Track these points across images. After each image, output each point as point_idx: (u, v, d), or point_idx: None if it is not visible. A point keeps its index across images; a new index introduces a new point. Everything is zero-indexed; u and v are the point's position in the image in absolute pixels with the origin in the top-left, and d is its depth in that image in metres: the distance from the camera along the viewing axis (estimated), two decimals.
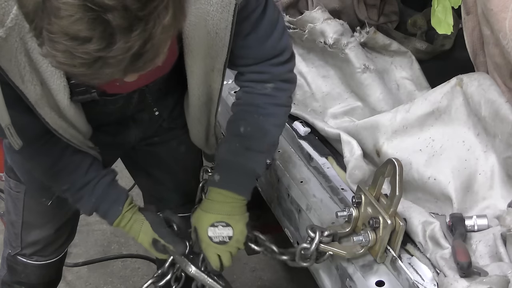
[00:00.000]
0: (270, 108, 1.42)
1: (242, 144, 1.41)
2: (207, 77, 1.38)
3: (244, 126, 1.42)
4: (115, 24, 0.81)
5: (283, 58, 1.38)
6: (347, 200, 1.47)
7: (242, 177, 1.42)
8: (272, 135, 1.46)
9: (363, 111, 1.85)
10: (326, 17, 1.85)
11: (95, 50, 0.83)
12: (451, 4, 1.46)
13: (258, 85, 1.41)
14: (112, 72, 0.88)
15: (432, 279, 1.23)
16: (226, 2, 1.19)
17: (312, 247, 1.34)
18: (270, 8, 1.30)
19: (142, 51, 0.86)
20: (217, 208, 1.40)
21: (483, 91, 1.37)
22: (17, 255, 1.78)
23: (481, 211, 1.36)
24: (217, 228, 1.39)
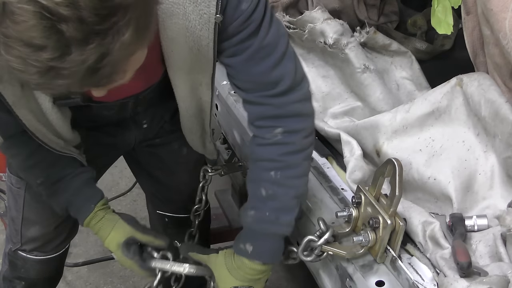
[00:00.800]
0: (286, 159, 1.31)
1: (270, 210, 1.33)
2: (195, 91, 1.35)
3: (265, 189, 1.32)
4: (69, 35, 0.79)
5: (282, 87, 1.25)
6: (347, 200, 1.47)
7: (275, 246, 1.37)
8: (297, 189, 1.35)
9: (363, 111, 1.85)
10: (326, 17, 1.85)
11: (48, 59, 0.81)
12: (451, 4, 1.46)
13: (266, 133, 1.30)
14: (67, 84, 0.86)
15: (432, 279, 1.23)
16: (205, 20, 1.14)
17: (321, 241, 1.33)
18: (263, 33, 1.19)
19: (99, 65, 0.84)
20: (245, 277, 1.36)
21: (483, 91, 1.37)
22: (17, 251, 1.79)
23: (481, 211, 1.36)
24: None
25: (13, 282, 1.85)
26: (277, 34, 1.22)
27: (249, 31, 1.17)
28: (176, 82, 1.32)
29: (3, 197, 1.89)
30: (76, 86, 0.87)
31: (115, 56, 0.84)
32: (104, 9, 0.80)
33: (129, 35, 0.84)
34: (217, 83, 2.10)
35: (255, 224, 1.35)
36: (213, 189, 2.64)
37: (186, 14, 1.12)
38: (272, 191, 1.32)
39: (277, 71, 1.24)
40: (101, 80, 0.88)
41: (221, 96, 2.07)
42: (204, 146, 1.62)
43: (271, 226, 1.34)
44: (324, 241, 1.33)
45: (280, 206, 1.33)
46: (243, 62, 1.22)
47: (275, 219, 1.33)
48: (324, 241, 1.33)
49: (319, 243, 1.33)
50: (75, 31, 0.79)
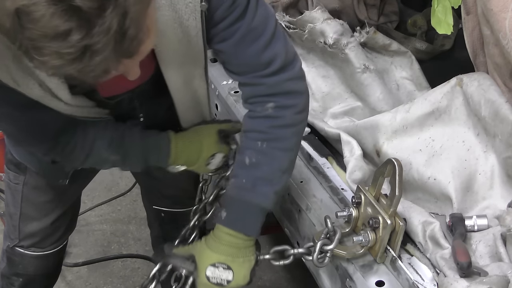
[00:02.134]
0: (274, 131, 1.32)
1: (248, 178, 1.33)
2: (190, 84, 1.36)
3: (249, 157, 1.33)
4: (86, 7, 0.81)
5: (274, 67, 1.27)
6: (347, 200, 1.47)
7: (249, 215, 1.34)
8: (281, 162, 1.35)
9: (363, 111, 1.85)
10: (326, 17, 1.85)
11: (78, 40, 0.83)
12: (451, 4, 1.46)
13: (258, 107, 1.32)
14: (104, 60, 0.87)
15: (432, 279, 1.23)
16: (191, 9, 1.15)
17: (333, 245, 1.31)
18: (250, 15, 1.21)
19: (123, 28, 0.86)
20: (221, 249, 1.33)
21: (483, 91, 1.37)
22: (15, 247, 1.79)
23: (481, 211, 1.36)
24: (217, 269, 1.33)
25: (11, 279, 1.85)
26: (265, 15, 1.24)
27: (235, 15, 1.19)
28: (169, 76, 1.32)
29: (3, 197, 1.90)
30: (113, 59, 0.89)
31: (134, 13, 0.86)
32: None
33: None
34: (217, 83, 2.11)
35: (232, 190, 1.35)
36: None
37: (172, 5, 1.14)
38: (256, 160, 1.32)
39: (268, 52, 1.25)
40: (132, 44, 0.89)
41: (221, 96, 2.07)
42: None
43: (246, 192, 1.33)
44: (336, 245, 1.31)
45: (261, 175, 1.33)
46: (234, 46, 1.23)
47: (251, 186, 1.32)
48: (336, 245, 1.31)
49: (331, 247, 1.31)
50: (89, 2, 0.81)
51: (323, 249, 1.32)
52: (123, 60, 0.92)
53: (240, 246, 1.34)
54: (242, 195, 1.33)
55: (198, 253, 1.37)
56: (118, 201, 3.16)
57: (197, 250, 1.38)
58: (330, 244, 1.31)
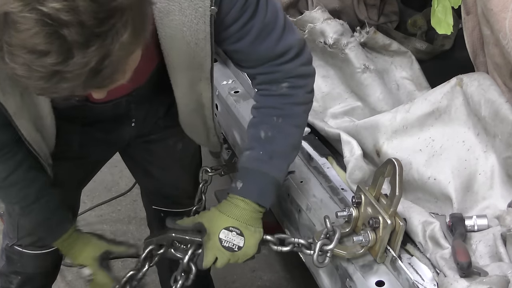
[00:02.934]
0: (289, 108, 1.38)
1: (265, 150, 1.38)
2: (195, 86, 1.38)
3: (265, 131, 1.38)
4: (71, 39, 0.83)
5: (289, 56, 1.33)
6: (347, 200, 1.47)
7: (265, 186, 1.39)
8: (294, 137, 1.42)
9: (363, 111, 1.85)
10: (326, 17, 1.85)
11: (52, 64, 0.84)
12: (451, 4, 1.46)
13: (272, 86, 1.37)
14: (71, 87, 0.88)
15: (432, 279, 1.23)
16: (200, 13, 1.17)
17: (333, 245, 1.32)
18: (261, 12, 1.25)
19: (100, 67, 0.87)
20: (236, 213, 1.36)
21: (483, 91, 1.37)
22: (13, 245, 1.79)
23: (481, 211, 1.36)
24: (230, 233, 1.35)
25: (9, 277, 1.85)
26: (275, 9, 1.29)
27: (248, 14, 1.23)
28: (176, 79, 1.34)
29: None
30: (80, 89, 0.90)
31: (116, 56, 0.87)
32: (102, 12, 0.83)
33: (128, 36, 0.87)
34: (217, 83, 2.10)
35: (248, 162, 1.39)
36: (213, 189, 2.64)
37: (182, 10, 1.16)
38: (272, 134, 1.37)
39: (282, 43, 1.31)
40: (103, 81, 0.91)
41: (221, 96, 2.07)
42: (207, 139, 1.63)
43: (263, 164, 1.37)
44: (336, 245, 1.32)
45: (276, 149, 1.38)
46: (250, 44, 1.28)
47: (269, 158, 1.37)
48: (336, 245, 1.32)
49: (331, 246, 1.32)
50: (76, 35, 0.82)
51: (323, 249, 1.32)
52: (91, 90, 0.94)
53: (253, 216, 1.37)
54: (258, 166, 1.37)
55: (210, 218, 1.39)
56: (118, 201, 3.16)
57: (208, 217, 1.41)
58: (330, 244, 1.32)
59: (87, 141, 1.53)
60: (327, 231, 1.34)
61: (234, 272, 2.66)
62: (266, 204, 1.39)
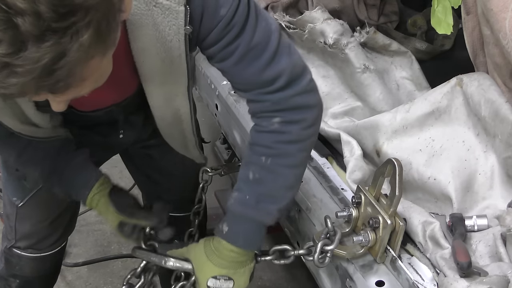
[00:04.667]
0: (280, 147, 1.27)
1: (252, 194, 1.30)
2: (171, 102, 1.33)
3: (253, 172, 1.29)
4: (25, 30, 0.77)
5: (279, 84, 1.21)
6: (347, 200, 1.47)
7: (251, 232, 1.32)
8: (286, 179, 1.31)
9: (363, 111, 1.85)
10: (326, 17, 1.85)
11: (2, 54, 0.78)
12: (451, 4, 1.46)
13: (264, 121, 1.27)
14: (21, 84, 0.82)
15: (432, 279, 1.23)
16: (174, 31, 1.10)
17: (334, 245, 1.31)
18: (248, 33, 1.15)
19: (55, 66, 0.81)
20: (222, 264, 1.33)
21: (483, 91, 1.37)
22: (12, 248, 1.78)
23: (481, 211, 1.36)
24: (218, 281, 1.33)
25: (8, 280, 1.84)
26: (267, 30, 1.18)
27: (232, 34, 1.14)
28: (150, 92, 1.29)
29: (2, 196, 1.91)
30: (31, 87, 0.84)
31: (72, 57, 0.81)
32: (63, 7, 0.78)
33: (88, 37, 0.82)
34: (217, 83, 2.11)
35: (234, 205, 1.32)
36: (213, 189, 2.64)
37: (155, 25, 1.10)
38: (259, 176, 1.29)
39: (271, 70, 1.20)
40: (57, 84, 0.84)
41: (221, 96, 2.07)
42: (187, 150, 1.59)
43: (249, 210, 1.30)
44: (337, 245, 1.31)
45: (264, 192, 1.30)
46: (233, 65, 1.19)
47: (255, 203, 1.30)
48: (337, 245, 1.31)
49: (332, 247, 1.31)
50: (31, 26, 0.77)
51: (323, 249, 1.32)
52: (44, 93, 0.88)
53: (241, 260, 1.34)
54: (245, 211, 1.31)
55: (198, 263, 1.36)
56: None
57: (196, 258, 1.37)
58: (331, 244, 1.31)
59: (85, 143, 1.50)
60: (328, 231, 1.34)
61: None
62: (253, 248, 1.35)
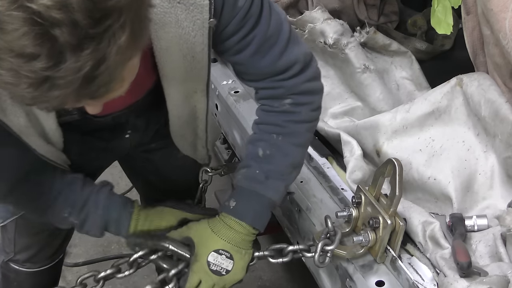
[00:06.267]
0: (290, 126, 1.31)
1: (261, 170, 1.31)
2: (190, 99, 1.33)
3: (263, 149, 1.31)
4: (63, 40, 0.74)
5: (292, 71, 1.26)
6: (347, 200, 1.47)
7: (260, 208, 1.32)
8: (294, 156, 1.34)
9: (363, 111, 1.85)
10: (326, 17, 1.85)
11: (42, 68, 0.76)
12: (451, 4, 1.46)
13: (275, 102, 1.31)
14: (63, 95, 0.80)
15: (432, 279, 1.23)
16: (198, 25, 1.11)
17: (334, 245, 1.31)
18: (264, 25, 1.18)
19: (95, 73, 0.79)
20: (228, 235, 1.30)
21: (483, 91, 1.37)
22: (9, 262, 1.73)
23: (481, 211, 1.36)
24: (220, 256, 1.29)
25: None
26: (279, 21, 1.22)
27: (249, 25, 1.17)
28: (170, 91, 1.29)
29: None
30: (73, 98, 0.82)
31: (112, 62, 0.80)
32: (97, 12, 0.76)
33: (125, 39, 0.80)
34: (217, 83, 2.11)
35: (243, 180, 1.33)
36: (213, 189, 2.64)
37: (178, 22, 1.09)
38: (270, 152, 1.31)
39: (285, 58, 1.24)
40: (99, 90, 0.83)
41: (221, 96, 2.07)
42: (195, 151, 1.58)
43: (259, 185, 1.31)
44: (337, 245, 1.31)
45: (273, 168, 1.32)
46: (250, 57, 1.22)
47: (265, 178, 1.31)
48: (337, 245, 1.31)
49: (332, 247, 1.31)
50: (69, 36, 0.75)
51: (323, 249, 1.32)
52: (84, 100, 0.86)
53: (245, 238, 1.32)
54: (254, 186, 1.31)
55: (200, 236, 1.32)
56: None
57: (198, 233, 1.33)
58: (331, 244, 1.31)
59: (87, 149, 1.47)
60: (328, 231, 1.34)
61: None
62: (261, 227, 1.33)
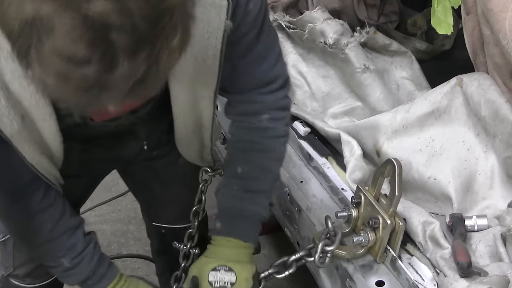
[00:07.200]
0: (267, 142, 1.33)
1: (240, 186, 1.33)
2: (197, 105, 1.30)
3: (241, 166, 1.33)
4: (119, 45, 0.70)
5: (277, 85, 1.28)
6: (347, 200, 1.47)
7: (244, 222, 1.34)
8: (272, 172, 1.37)
9: (363, 111, 1.85)
10: (326, 17, 1.85)
11: (94, 73, 0.71)
12: (451, 4, 1.46)
13: (252, 118, 1.31)
14: (109, 99, 0.77)
15: (432, 279, 1.23)
16: (214, 28, 1.08)
17: (334, 246, 1.31)
18: (265, 33, 1.20)
19: (146, 77, 0.75)
20: (220, 253, 1.32)
21: (483, 91, 1.37)
22: (9, 277, 1.68)
23: (481, 211, 1.36)
24: (218, 272, 1.30)
25: None
26: (274, 33, 1.26)
27: (256, 31, 1.18)
28: (177, 95, 1.25)
29: None
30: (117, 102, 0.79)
31: (163, 65, 0.76)
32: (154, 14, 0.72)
33: (177, 40, 0.76)
34: None
35: (224, 201, 1.35)
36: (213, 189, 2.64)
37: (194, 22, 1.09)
38: (248, 169, 1.33)
39: (276, 69, 1.27)
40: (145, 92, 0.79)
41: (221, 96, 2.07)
42: (201, 158, 1.55)
43: (240, 202, 1.33)
44: (337, 245, 1.31)
45: (253, 184, 1.34)
46: (251, 62, 1.23)
47: (244, 193, 1.33)
48: (337, 245, 1.31)
49: (332, 247, 1.31)
50: (126, 40, 0.70)
51: (324, 249, 1.32)
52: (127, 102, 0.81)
53: (240, 252, 1.33)
54: (235, 203, 1.33)
55: (198, 267, 1.35)
56: (118, 201, 3.15)
57: (198, 266, 1.36)
58: (331, 244, 1.31)
59: (87, 159, 1.43)
60: (328, 231, 1.34)
61: None
62: (249, 239, 1.34)
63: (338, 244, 1.31)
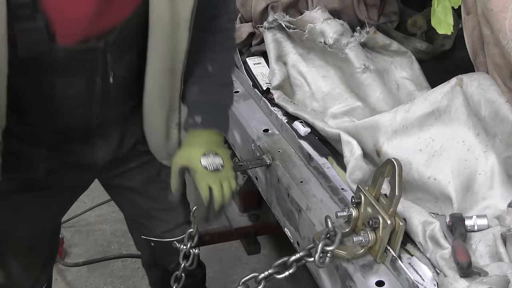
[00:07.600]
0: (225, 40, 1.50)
1: (213, 83, 1.46)
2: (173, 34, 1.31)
3: (212, 65, 1.46)
4: None
5: None
6: (347, 200, 1.47)
7: (221, 114, 1.48)
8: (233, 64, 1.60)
9: (363, 111, 1.85)
10: (326, 17, 1.85)
11: None
12: (451, 4, 1.46)
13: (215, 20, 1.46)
14: None
15: (432, 279, 1.23)
16: None
17: (334, 246, 1.30)
18: None
19: None
20: (205, 141, 1.42)
21: (483, 91, 1.37)
22: None
23: (481, 211, 1.36)
24: (209, 157, 1.39)
25: None
26: None
27: None
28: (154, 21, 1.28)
29: None
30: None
31: None
32: None
33: None
34: None
35: (200, 96, 1.46)
36: None
37: None
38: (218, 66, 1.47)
39: None
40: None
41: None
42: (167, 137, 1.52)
43: (215, 97, 1.46)
44: (337, 245, 1.31)
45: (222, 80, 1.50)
46: None
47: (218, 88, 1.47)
48: (337, 245, 1.31)
49: (332, 247, 1.30)
50: None
51: (324, 249, 1.32)
52: None
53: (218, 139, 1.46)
54: (212, 98, 1.45)
55: (186, 156, 1.42)
56: None
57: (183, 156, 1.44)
58: (331, 244, 1.31)
59: (55, 167, 1.41)
60: (328, 231, 1.34)
61: (234, 272, 2.66)
62: (225, 129, 1.50)
63: (338, 244, 1.31)
